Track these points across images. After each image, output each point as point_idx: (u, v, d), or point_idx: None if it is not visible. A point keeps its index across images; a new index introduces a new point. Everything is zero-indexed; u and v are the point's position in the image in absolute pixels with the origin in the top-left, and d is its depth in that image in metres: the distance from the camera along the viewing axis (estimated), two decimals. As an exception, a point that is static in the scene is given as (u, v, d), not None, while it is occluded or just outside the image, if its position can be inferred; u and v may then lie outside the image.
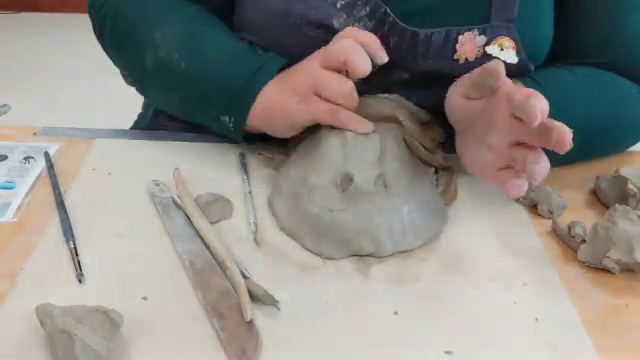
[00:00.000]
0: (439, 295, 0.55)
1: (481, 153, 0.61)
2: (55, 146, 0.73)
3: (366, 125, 0.64)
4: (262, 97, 0.65)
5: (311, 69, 0.63)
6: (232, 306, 0.52)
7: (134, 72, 0.75)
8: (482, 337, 0.51)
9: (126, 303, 0.51)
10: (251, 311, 0.50)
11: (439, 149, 0.69)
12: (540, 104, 0.53)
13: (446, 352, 0.50)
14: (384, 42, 0.65)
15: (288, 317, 0.52)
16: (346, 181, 0.60)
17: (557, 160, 0.55)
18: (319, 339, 0.50)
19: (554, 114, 0.66)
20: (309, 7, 0.65)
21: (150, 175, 0.68)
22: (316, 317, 0.52)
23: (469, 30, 0.65)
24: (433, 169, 0.68)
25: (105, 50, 0.78)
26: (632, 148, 0.78)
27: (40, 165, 0.70)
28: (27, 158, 0.71)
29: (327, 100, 0.62)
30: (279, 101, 0.64)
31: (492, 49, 0.66)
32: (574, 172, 0.73)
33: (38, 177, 0.68)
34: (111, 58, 0.78)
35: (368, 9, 0.65)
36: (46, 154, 0.71)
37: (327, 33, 0.65)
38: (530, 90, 0.55)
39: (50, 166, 0.69)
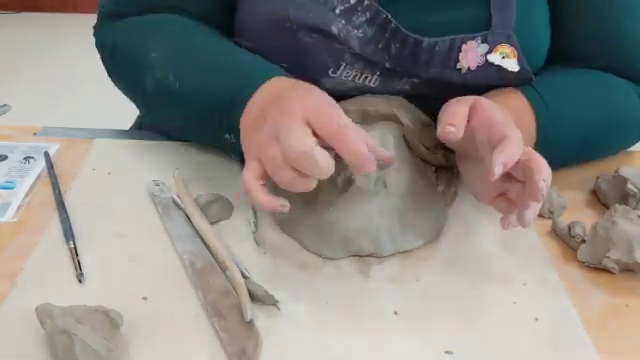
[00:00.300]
0: (439, 295, 0.55)
1: (477, 182, 0.60)
2: (55, 146, 0.73)
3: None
4: (250, 108, 0.59)
5: (265, 135, 0.53)
6: (232, 306, 0.52)
7: (139, 99, 0.74)
8: (482, 337, 0.51)
9: (126, 303, 0.51)
10: (251, 311, 0.50)
11: (439, 148, 0.69)
12: (504, 156, 0.51)
13: (446, 352, 0.50)
14: (386, 49, 0.65)
15: (288, 317, 0.52)
16: (346, 181, 0.60)
17: (557, 163, 0.54)
18: (319, 339, 0.50)
19: (554, 120, 0.66)
20: (307, 12, 0.64)
21: (150, 175, 0.68)
22: (316, 317, 0.52)
23: (472, 39, 0.65)
24: (433, 168, 0.68)
25: (115, 84, 0.76)
26: (632, 148, 0.78)
27: (40, 165, 0.70)
28: (27, 158, 0.71)
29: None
30: (246, 142, 0.58)
31: (494, 57, 0.66)
32: (574, 172, 0.73)
33: (38, 177, 0.68)
34: (122, 91, 0.76)
35: (368, 15, 0.64)
36: (46, 154, 0.71)
37: (324, 38, 0.64)
38: (503, 134, 0.53)
39: (50, 166, 0.69)
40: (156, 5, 0.72)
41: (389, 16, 0.64)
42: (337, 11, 0.64)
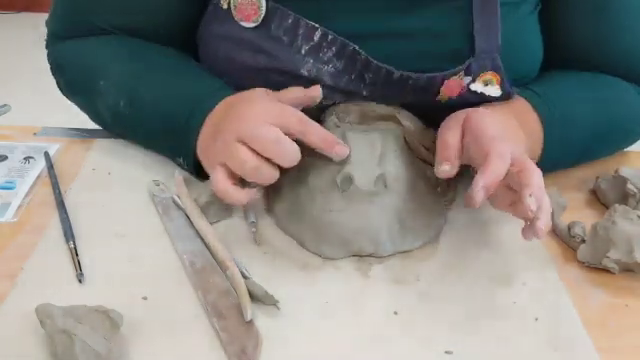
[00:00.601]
0: (439, 295, 0.55)
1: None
2: (55, 146, 0.73)
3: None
4: (200, 140, 0.63)
5: (226, 142, 0.56)
6: (232, 306, 0.52)
7: (95, 120, 0.75)
8: (482, 337, 0.51)
9: (126, 303, 0.51)
10: (251, 311, 0.50)
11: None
12: (484, 179, 0.52)
13: (446, 352, 0.50)
14: (360, 78, 0.64)
15: (288, 317, 0.52)
16: (346, 181, 0.60)
17: (562, 165, 0.54)
18: (319, 339, 0.50)
19: (557, 124, 0.66)
20: (274, 58, 0.63)
21: (150, 175, 0.68)
22: (316, 317, 0.52)
23: (454, 74, 0.63)
24: (433, 169, 0.68)
25: (69, 99, 0.77)
26: (632, 148, 0.78)
27: (40, 165, 0.70)
28: (27, 158, 0.71)
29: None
30: (206, 156, 0.63)
31: (476, 86, 0.65)
32: (574, 172, 0.73)
33: (38, 177, 0.68)
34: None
35: (334, 49, 0.62)
36: (46, 154, 0.71)
37: (294, 79, 0.64)
38: (486, 151, 0.54)
39: (50, 166, 0.69)
40: (101, 28, 0.71)
41: (357, 47, 0.62)
42: (303, 51, 0.63)
